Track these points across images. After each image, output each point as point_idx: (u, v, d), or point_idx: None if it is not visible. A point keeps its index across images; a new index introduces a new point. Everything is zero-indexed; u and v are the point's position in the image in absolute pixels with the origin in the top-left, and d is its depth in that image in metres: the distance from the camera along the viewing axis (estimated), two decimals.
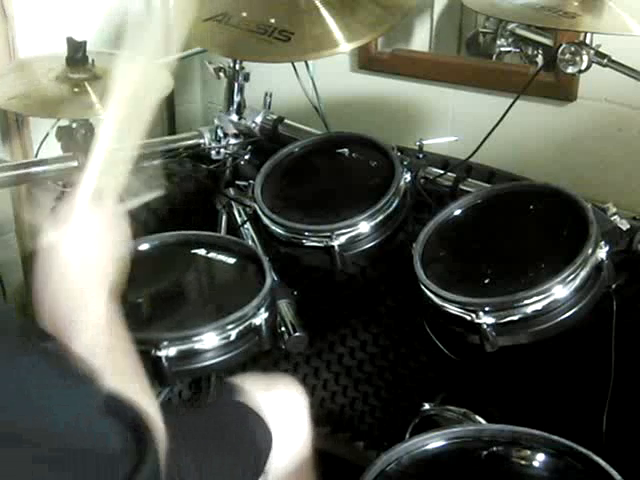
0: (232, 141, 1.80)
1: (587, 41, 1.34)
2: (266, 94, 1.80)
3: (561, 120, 1.75)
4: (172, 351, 1.23)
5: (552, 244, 1.24)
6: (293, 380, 1.27)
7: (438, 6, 2.01)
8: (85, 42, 1.59)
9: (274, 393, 1.22)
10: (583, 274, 1.16)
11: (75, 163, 1.57)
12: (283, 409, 1.20)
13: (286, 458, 1.18)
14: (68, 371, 0.72)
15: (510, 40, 1.96)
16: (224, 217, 1.79)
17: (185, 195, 1.89)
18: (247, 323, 1.29)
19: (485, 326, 1.16)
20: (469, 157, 1.49)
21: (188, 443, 1.05)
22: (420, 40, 2.05)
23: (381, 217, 1.37)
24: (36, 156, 1.82)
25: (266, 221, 1.42)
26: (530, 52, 1.94)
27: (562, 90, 1.71)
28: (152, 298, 1.38)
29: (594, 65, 1.35)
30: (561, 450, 1.05)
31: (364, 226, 1.36)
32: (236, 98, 1.79)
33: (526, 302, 1.14)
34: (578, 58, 1.33)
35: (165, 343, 1.23)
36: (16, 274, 2.06)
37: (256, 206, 1.44)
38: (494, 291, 1.19)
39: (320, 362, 1.86)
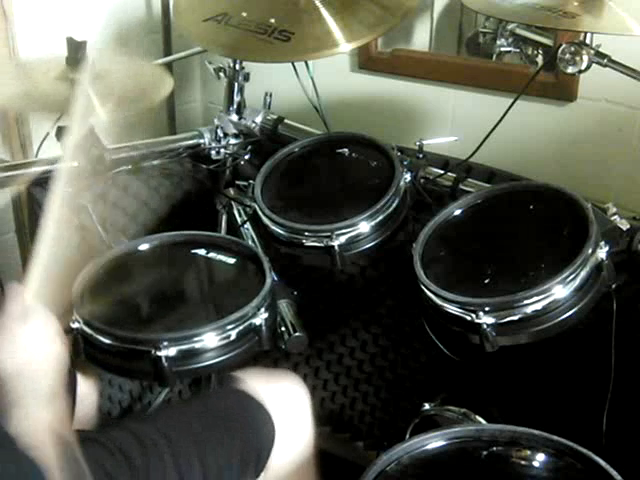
0: (232, 141, 1.80)
1: (587, 41, 1.34)
2: (266, 94, 1.80)
3: (561, 120, 1.75)
4: (172, 351, 1.23)
5: (552, 244, 1.24)
6: (295, 376, 1.27)
7: (438, 6, 2.01)
8: (85, 42, 1.58)
9: (276, 386, 1.22)
10: (583, 274, 1.16)
11: (75, 163, 1.57)
12: (285, 402, 1.20)
13: (288, 452, 1.18)
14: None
15: (510, 40, 1.95)
16: (224, 217, 1.79)
17: (185, 195, 1.89)
18: (247, 323, 1.29)
19: (485, 326, 1.16)
20: (469, 157, 1.49)
21: (191, 437, 1.05)
22: (420, 40, 2.05)
23: (381, 217, 1.37)
24: (36, 156, 1.81)
25: (266, 221, 1.42)
26: (530, 52, 1.94)
27: (562, 90, 1.71)
28: (152, 298, 1.38)
29: (594, 65, 1.35)
30: (561, 450, 1.05)
31: (364, 226, 1.36)
32: (236, 98, 1.79)
33: (526, 302, 1.14)
34: (578, 58, 1.33)
35: (165, 343, 1.23)
36: (16, 274, 2.06)
37: (256, 206, 1.44)
38: (494, 291, 1.19)
39: (320, 362, 1.86)
